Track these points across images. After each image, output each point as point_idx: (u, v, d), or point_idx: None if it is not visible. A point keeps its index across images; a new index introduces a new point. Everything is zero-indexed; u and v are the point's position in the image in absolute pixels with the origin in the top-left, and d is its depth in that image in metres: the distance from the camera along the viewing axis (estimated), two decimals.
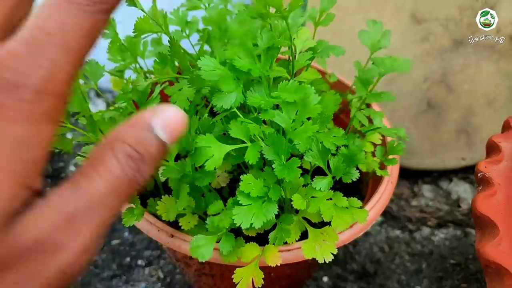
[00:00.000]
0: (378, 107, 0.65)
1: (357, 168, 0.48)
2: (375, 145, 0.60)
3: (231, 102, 0.38)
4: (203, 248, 0.40)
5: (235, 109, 0.39)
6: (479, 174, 0.48)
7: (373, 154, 0.56)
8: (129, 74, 0.58)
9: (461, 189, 0.92)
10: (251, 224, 0.38)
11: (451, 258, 0.79)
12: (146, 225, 0.47)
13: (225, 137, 0.42)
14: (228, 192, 0.53)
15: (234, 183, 0.52)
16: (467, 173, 0.94)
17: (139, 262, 0.79)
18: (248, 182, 0.38)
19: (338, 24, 0.78)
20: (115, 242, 0.81)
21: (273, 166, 0.39)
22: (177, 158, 0.42)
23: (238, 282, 0.40)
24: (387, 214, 0.86)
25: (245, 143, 0.39)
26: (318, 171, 0.47)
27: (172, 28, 0.52)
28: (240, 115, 0.40)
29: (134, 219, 0.44)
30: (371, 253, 0.80)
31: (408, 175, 0.93)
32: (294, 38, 0.45)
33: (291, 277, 0.59)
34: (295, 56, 0.46)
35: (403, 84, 0.82)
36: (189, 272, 0.61)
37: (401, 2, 0.77)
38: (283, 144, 0.39)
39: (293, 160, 0.39)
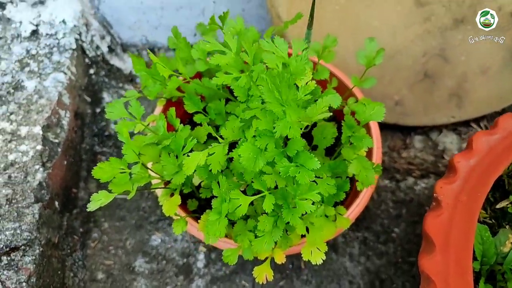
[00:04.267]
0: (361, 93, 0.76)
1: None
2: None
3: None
4: (232, 256, 0.60)
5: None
6: (434, 194, 0.62)
7: None
8: None
9: (448, 140, 1.05)
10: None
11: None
12: (189, 227, 0.66)
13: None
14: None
15: None
16: (456, 125, 1.06)
17: None
18: (264, 221, 0.55)
19: (344, 11, 0.84)
20: None
21: (282, 210, 0.55)
22: None
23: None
24: None
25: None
26: None
27: None
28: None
29: (181, 229, 0.63)
30: None
31: (403, 129, 1.06)
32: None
33: None
34: None
35: (402, 59, 0.90)
36: None
37: None
38: (290, 196, 0.54)
39: (295, 210, 0.54)
